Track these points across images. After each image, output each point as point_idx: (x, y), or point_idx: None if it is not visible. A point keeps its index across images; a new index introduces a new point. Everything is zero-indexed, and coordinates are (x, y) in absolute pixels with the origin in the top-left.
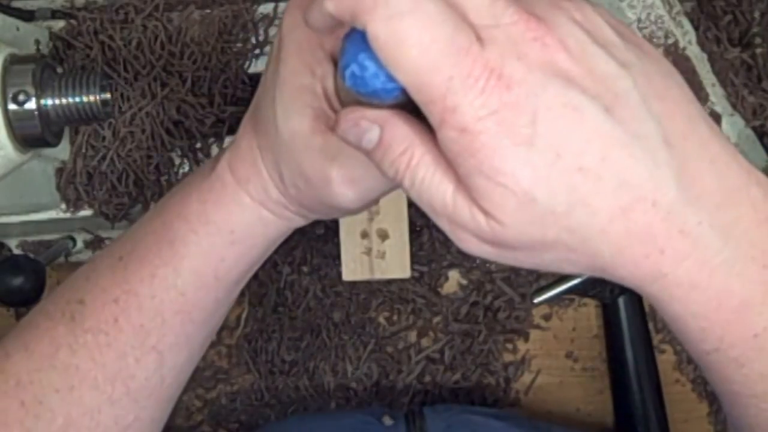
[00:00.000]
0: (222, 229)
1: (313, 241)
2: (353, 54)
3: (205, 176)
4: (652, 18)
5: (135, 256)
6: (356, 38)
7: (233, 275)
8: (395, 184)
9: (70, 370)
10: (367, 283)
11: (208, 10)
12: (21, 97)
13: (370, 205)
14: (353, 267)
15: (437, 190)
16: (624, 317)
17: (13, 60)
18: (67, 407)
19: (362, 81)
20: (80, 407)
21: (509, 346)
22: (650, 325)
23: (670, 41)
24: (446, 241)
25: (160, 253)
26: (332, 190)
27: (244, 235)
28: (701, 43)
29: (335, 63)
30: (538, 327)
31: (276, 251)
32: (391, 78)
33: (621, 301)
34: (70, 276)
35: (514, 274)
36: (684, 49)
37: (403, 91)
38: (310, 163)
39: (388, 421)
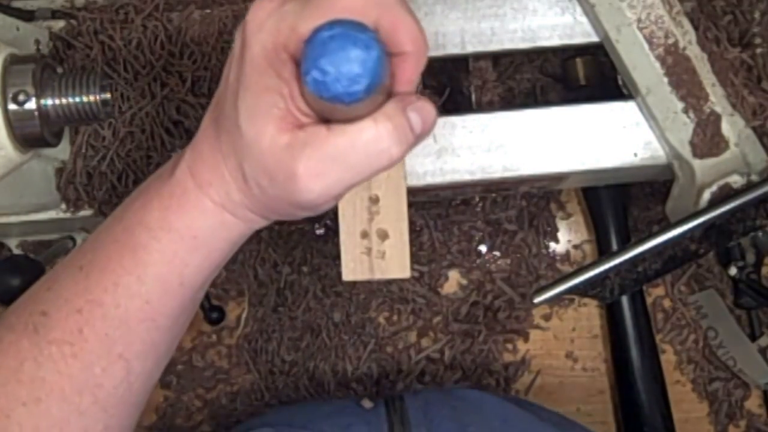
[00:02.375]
0: (184, 235)
1: (313, 241)
2: (314, 59)
3: (164, 181)
4: (652, 18)
5: (96, 265)
6: (317, 42)
7: (197, 280)
8: (357, 180)
9: (36, 382)
10: (367, 283)
11: (208, 10)
12: (21, 97)
13: (331, 202)
14: (353, 267)
15: None
16: (628, 316)
17: (13, 60)
18: (35, 420)
19: (324, 86)
20: (48, 419)
21: (509, 346)
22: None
23: (670, 41)
24: (446, 241)
25: (122, 262)
26: (298, 185)
27: (207, 239)
28: (701, 43)
29: (299, 65)
30: (538, 327)
31: (276, 251)
32: (352, 82)
33: (624, 300)
34: (32, 287)
35: (514, 274)
36: (684, 49)
37: (365, 94)
38: (276, 160)
39: (367, 403)
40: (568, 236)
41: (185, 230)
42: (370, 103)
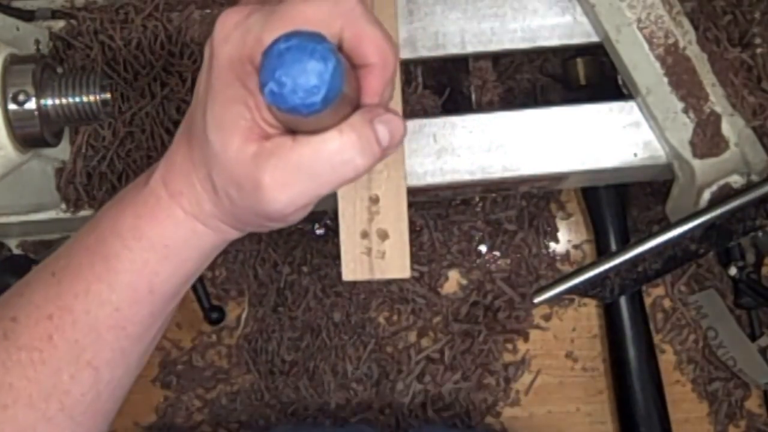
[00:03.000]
0: (156, 244)
1: (313, 241)
2: (270, 71)
3: (139, 190)
4: (652, 18)
5: (68, 272)
6: (273, 54)
7: (168, 289)
8: (323, 190)
9: (3, 388)
10: (367, 283)
11: (208, 10)
12: (21, 97)
13: (300, 212)
14: (353, 267)
15: None
16: (626, 317)
17: (13, 60)
18: (1, 426)
19: (281, 97)
20: (15, 426)
21: (509, 346)
22: (650, 325)
23: (670, 41)
24: (446, 241)
25: (93, 269)
26: (264, 195)
27: (179, 249)
28: (701, 43)
29: None
30: (538, 327)
31: (276, 251)
32: (309, 93)
33: (622, 300)
34: (5, 293)
35: (514, 275)
36: (684, 49)
37: (323, 105)
38: (242, 170)
39: None
40: (568, 236)
41: (157, 239)
42: (334, 114)
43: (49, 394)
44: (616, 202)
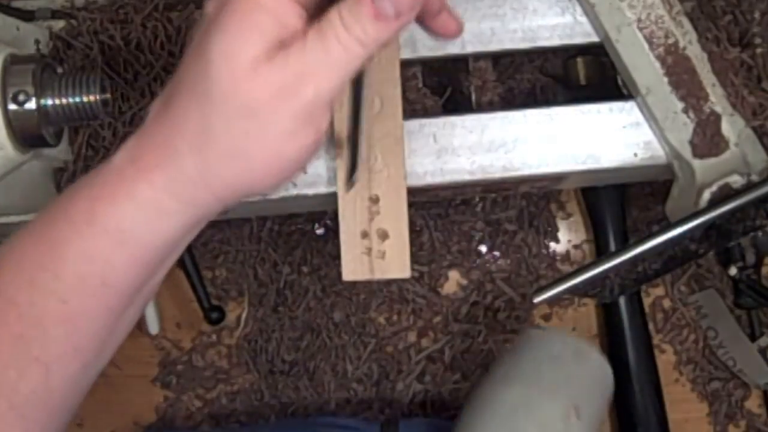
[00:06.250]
0: (110, 228)
1: (313, 241)
2: None
3: (99, 171)
4: (652, 18)
5: (12, 259)
6: None
7: (126, 282)
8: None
9: None
10: (367, 283)
11: None
12: (21, 97)
13: (323, 121)
14: (353, 267)
15: None
16: (624, 317)
17: (13, 60)
18: None
19: None
20: None
21: (509, 346)
22: (650, 326)
23: (670, 41)
24: (446, 241)
25: (39, 257)
26: (291, 92)
27: (138, 234)
28: (701, 43)
29: None
30: (538, 327)
31: (276, 251)
32: None
33: (621, 301)
34: None
35: (514, 274)
36: (684, 49)
37: None
38: (256, 84)
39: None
40: (568, 236)
41: (112, 222)
42: None
43: None
44: (616, 203)
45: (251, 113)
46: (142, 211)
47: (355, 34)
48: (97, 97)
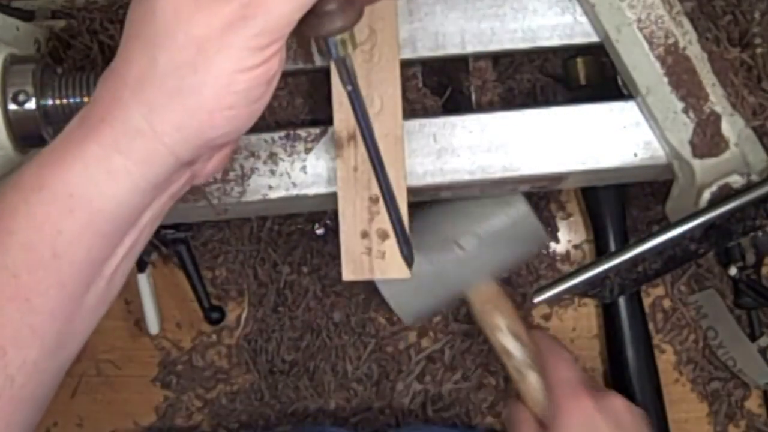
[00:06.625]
0: (58, 193)
1: (313, 241)
2: None
3: (50, 141)
4: (652, 18)
5: None
6: None
7: (79, 252)
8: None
9: None
10: (367, 283)
11: None
12: (21, 97)
13: (274, 54)
14: (353, 267)
15: None
16: (624, 317)
17: (13, 60)
18: None
19: None
20: None
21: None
22: (650, 326)
23: (670, 41)
24: None
25: None
26: (247, 12)
27: (87, 198)
28: (701, 43)
29: None
30: (538, 327)
31: (276, 251)
32: None
33: (621, 301)
34: None
35: (514, 275)
36: (684, 49)
37: None
38: (202, 19)
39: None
40: (568, 236)
41: (60, 187)
42: None
43: None
44: (616, 202)
45: (198, 46)
46: (90, 171)
47: None
48: None
